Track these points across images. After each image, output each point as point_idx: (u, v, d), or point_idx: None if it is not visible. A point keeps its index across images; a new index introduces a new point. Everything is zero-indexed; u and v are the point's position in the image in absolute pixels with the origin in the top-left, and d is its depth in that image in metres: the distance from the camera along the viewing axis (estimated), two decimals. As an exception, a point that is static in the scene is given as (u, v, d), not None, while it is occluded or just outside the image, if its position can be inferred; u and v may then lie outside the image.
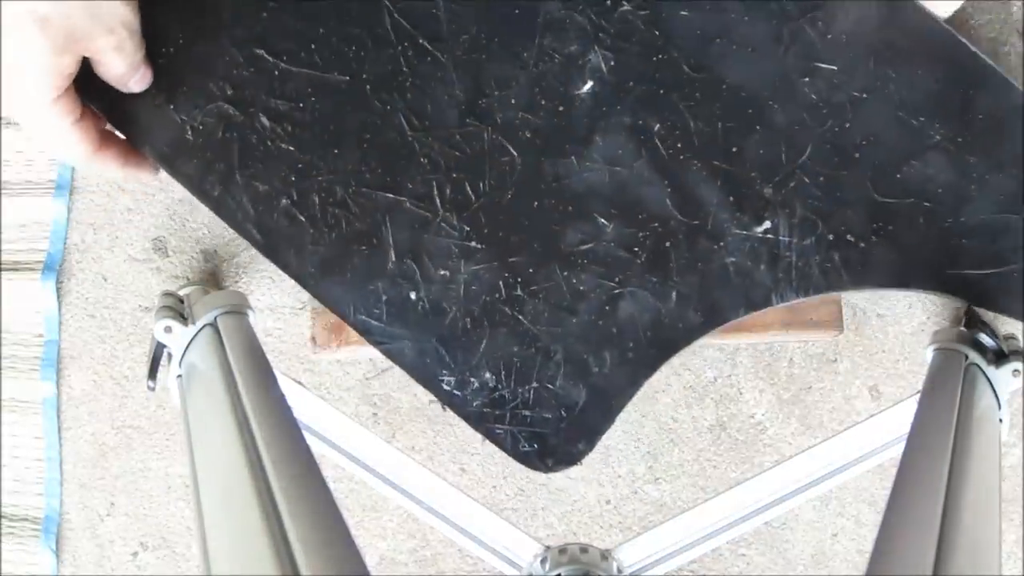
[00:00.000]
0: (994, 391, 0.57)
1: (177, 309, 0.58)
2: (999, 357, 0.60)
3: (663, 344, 0.51)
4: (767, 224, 0.49)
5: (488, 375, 0.52)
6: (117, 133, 0.49)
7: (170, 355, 0.57)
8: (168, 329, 0.56)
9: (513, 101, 0.50)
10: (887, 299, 0.75)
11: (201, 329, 0.56)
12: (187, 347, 0.56)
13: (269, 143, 0.50)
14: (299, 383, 0.65)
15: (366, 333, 0.52)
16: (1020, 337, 0.68)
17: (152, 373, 0.59)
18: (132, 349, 0.78)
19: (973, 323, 0.65)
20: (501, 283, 0.51)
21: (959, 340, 0.61)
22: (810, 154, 0.48)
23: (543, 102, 0.50)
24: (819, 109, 0.48)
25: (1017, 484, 0.74)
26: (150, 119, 0.49)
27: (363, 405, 0.77)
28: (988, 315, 0.74)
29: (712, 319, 0.50)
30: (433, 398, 0.77)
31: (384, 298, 0.51)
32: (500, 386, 0.52)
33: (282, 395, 0.49)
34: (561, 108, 0.50)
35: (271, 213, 0.50)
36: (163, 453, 0.79)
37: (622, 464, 0.77)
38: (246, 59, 0.49)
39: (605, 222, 0.50)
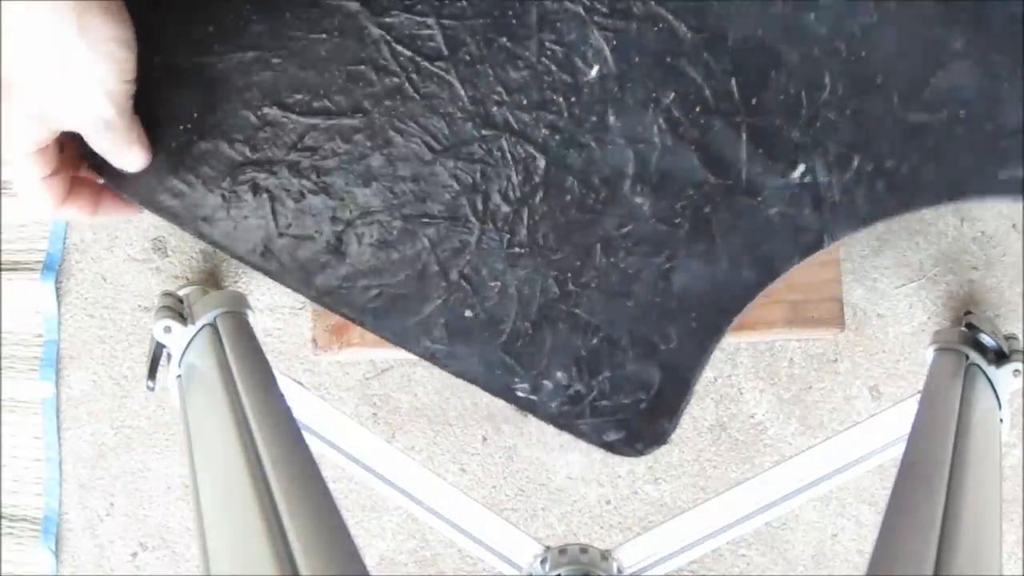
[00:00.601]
0: (995, 391, 0.57)
1: (177, 309, 0.58)
2: (999, 357, 0.60)
3: (724, 308, 0.51)
4: (802, 168, 0.49)
5: (560, 374, 0.52)
6: (93, 179, 0.50)
7: (170, 355, 0.57)
8: (168, 329, 0.56)
9: (524, 102, 0.50)
10: (887, 299, 0.75)
11: (201, 329, 0.56)
12: (187, 347, 0.56)
13: (300, 196, 0.51)
14: (299, 383, 0.65)
15: (432, 359, 0.52)
16: (1020, 337, 0.68)
17: (152, 373, 0.59)
18: (132, 349, 0.78)
19: (973, 323, 0.65)
20: (552, 282, 0.51)
21: (960, 340, 0.61)
22: (831, 89, 0.48)
23: (554, 97, 0.50)
24: (831, 42, 0.47)
25: (1017, 484, 0.74)
26: (187, 201, 0.51)
27: (363, 405, 0.77)
28: (989, 315, 0.74)
29: (768, 273, 0.50)
30: (431, 403, 0.77)
31: (442, 321, 0.52)
32: (574, 382, 0.53)
33: (282, 395, 0.49)
34: (573, 99, 0.50)
35: (318, 264, 0.51)
36: (163, 453, 0.78)
37: (622, 464, 0.77)
38: (260, 119, 0.50)
39: (640, 200, 0.50)
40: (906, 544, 0.40)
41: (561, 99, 0.50)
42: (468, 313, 0.52)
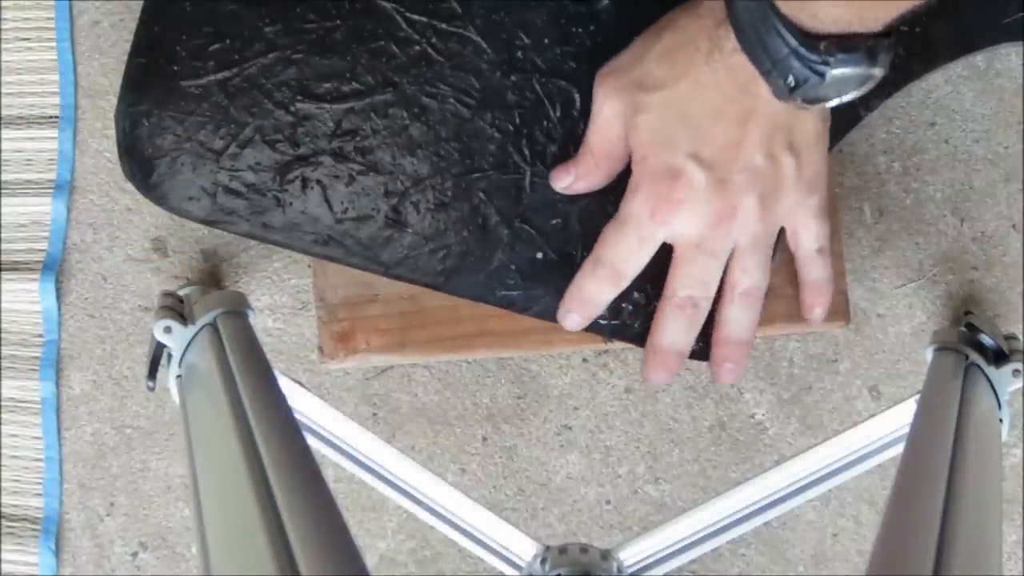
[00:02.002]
0: (994, 391, 0.57)
1: (177, 309, 0.58)
2: (999, 357, 0.60)
3: None
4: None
5: (637, 295, 0.53)
6: None
7: (170, 355, 0.57)
8: (168, 329, 0.56)
9: (546, 41, 0.51)
10: (887, 299, 0.75)
11: (201, 329, 0.56)
12: (187, 347, 0.56)
13: (351, 179, 0.51)
14: (299, 383, 0.65)
15: (511, 306, 0.53)
16: (1020, 337, 0.68)
17: (152, 373, 0.59)
18: (132, 349, 0.78)
19: (973, 324, 0.65)
20: (611, 207, 0.52)
21: (960, 340, 0.61)
22: None
23: (574, 29, 0.51)
24: None
25: (1017, 484, 0.74)
26: (243, 211, 0.51)
27: (363, 405, 0.77)
28: (989, 315, 0.75)
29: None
30: (431, 403, 0.77)
31: (513, 267, 0.52)
32: (652, 300, 0.53)
33: (282, 395, 0.49)
34: (593, 27, 0.50)
35: (382, 240, 0.51)
36: (163, 453, 0.78)
37: (622, 464, 0.77)
38: (295, 115, 0.51)
39: None
40: (906, 544, 0.40)
41: (581, 30, 0.50)
42: (538, 255, 0.52)
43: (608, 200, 0.51)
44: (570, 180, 0.51)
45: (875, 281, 0.75)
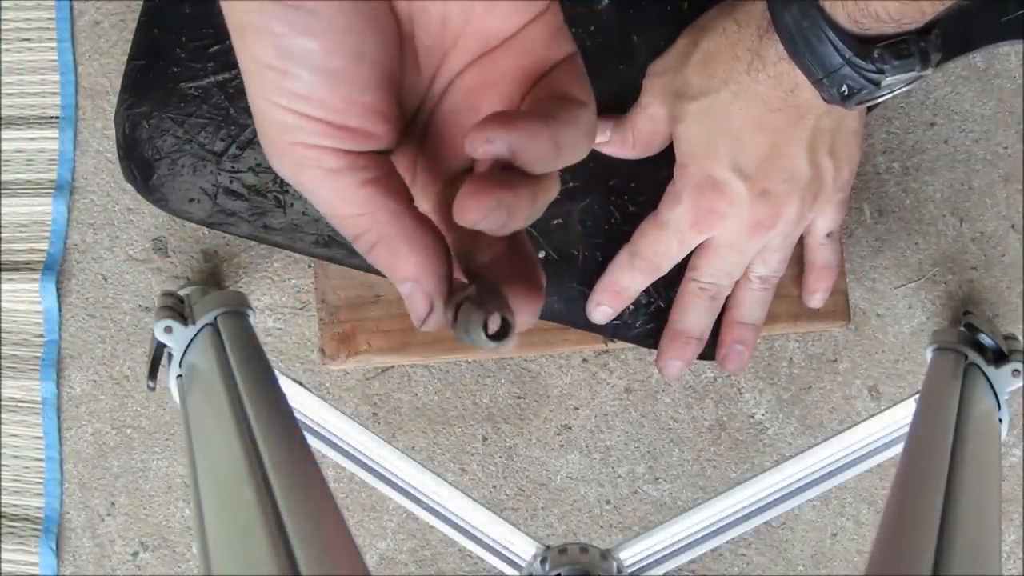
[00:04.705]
0: (994, 391, 0.57)
1: (177, 309, 0.58)
2: (999, 357, 0.60)
3: None
4: None
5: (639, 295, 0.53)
6: None
7: (170, 355, 0.57)
8: (168, 329, 0.56)
9: None
10: (887, 299, 0.75)
11: (201, 329, 0.56)
12: (187, 347, 0.56)
13: None
14: (299, 383, 0.65)
15: None
16: (1020, 337, 0.69)
17: (152, 373, 0.59)
18: (132, 349, 0.78)
19: (973, 324, 0.65)
20: (612, 207, 0.51)
21: (959, 340, 0.61)
22: None
23: (575, 30, 0.50)
24: None
25: (1017, 484, 0.74)
26: (244, 214, 0.51)
27: (363, 405, 0.77)
28: (988, 315, 0.75)
29: None
30: (431, 403, 0.77)
31: None
32: (653, 298, 0.53)
33: (282, 395, 0.50)
34: (593, 28, 0.50)
35: None
36: (163, 453, 0.79)
37: (622, 464, 0.77)
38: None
39: None
40: (905, 544, 0.40)
41: (581, 31, 0.50)
42: (540, 255, 0.51)
43: (609, 200, 0.51)
44: (603, 139, 0.50)
45: (875, 281, 0.75)
